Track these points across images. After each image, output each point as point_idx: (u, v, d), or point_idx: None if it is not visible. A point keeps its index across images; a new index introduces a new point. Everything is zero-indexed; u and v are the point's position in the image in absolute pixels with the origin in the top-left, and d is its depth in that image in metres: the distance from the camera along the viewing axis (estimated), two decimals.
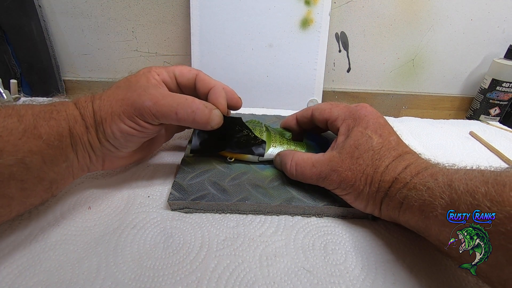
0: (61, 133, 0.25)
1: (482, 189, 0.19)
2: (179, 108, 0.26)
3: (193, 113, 0.26)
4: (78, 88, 0.69)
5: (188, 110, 0.26)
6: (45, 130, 0.23)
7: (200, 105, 0.27)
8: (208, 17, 0.60)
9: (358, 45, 0.67)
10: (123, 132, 0.26)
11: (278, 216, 0.29)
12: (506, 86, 0.63)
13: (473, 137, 0.49)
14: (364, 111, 0.29)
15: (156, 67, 0.31)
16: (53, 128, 0.24)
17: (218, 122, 0.28)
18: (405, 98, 0.73)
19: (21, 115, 0.23)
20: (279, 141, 0.35)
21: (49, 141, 0.24)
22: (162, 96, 0.26)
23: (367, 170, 0.26)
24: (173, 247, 0.26)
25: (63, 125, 0.25)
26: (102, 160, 0.29)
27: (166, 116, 0.26)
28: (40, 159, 0.23)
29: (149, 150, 0.35)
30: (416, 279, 0.24)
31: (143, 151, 0.33)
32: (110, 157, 0.29)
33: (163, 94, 0.26)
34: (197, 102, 0.27)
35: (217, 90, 0.29)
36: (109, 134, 0.26)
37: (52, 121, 0.24)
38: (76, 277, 0.23)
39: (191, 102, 0.26)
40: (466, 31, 0.66)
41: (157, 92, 0.26)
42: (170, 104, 0.26)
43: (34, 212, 0.28)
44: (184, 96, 0.27)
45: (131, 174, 0.34)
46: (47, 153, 0.24)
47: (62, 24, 0.63)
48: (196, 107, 0.26)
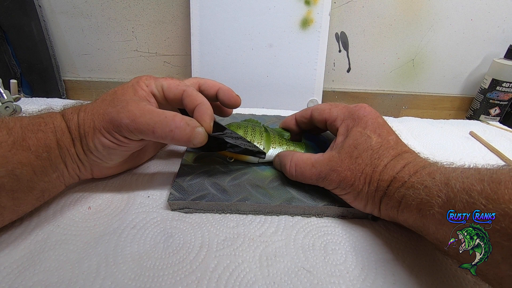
0: (49, 145, 0.25)
1: (478, 187, 0.19)
2: (156, 127, 0.25)
3: (171, 132, 0.25)
4: (78, 88, 0.69)
5: (166, 129, 0.25)
6: (33, 142, 0.24)
7: (181, 123, 0.26)
8: (208, 17, 0.60)
9: (358, 45, 0.67)
10: (105, 145, 0.27)
11: (278, 216, 0.29)
12: (506, 86, 0.63)
13: (473, 137, 0.49)
14: (363, 111, 0.29)
15: (146, 77, 0.30)
16: (41, 140, 0.25)
17: (201, 140, 0.26)
18: (405, 98, 0.73)
19: (10, 127, 0.24)
20: (278, 142, 0.35)
21: (37, 152, 0.24)
22: (140, 113, 0.25)
23: (366, 170, 0.26)
24: (173, 247, 0.25)
25: (50, 137, 0.25)
26: (90, 169, 0.29)
27: (144, 133, 0.26)
28: (30, 170, 0.24)
29: (139, 160, 0.35)
30: (416, 279, 0.24)
31: (133, 161, 0.33)
32: (98, 167, 0.29)
33: (143, 111, 0.26)
34: (178, 120, 0.26)
35: (203, 108, 0.28)
36: (92, 147, 0.27)
37: (40, 133, 0.25)
38: (76, 277, 0.23)
39: (171, 120, 0.25)
40: (466, 31, 0.66)
41: (136, 109, 0.26)
42: (147, 123, 0.25)
43: (34, 212, 0.28)
44: (164, 113, 0.26)
45: (131, 174, 0.34)
46: (36, 164, 0.24)
47: (62, 24, 0.63)
48: (175, 126, 0.25)
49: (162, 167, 0.36)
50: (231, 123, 0.36)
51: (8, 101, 0.43)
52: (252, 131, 0.35)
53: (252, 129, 0.35)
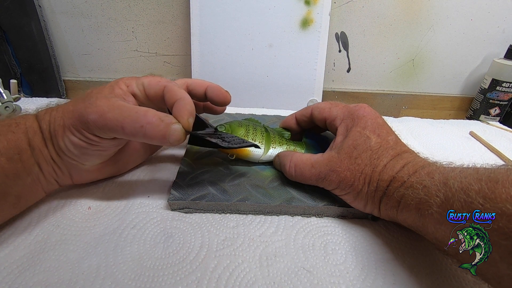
0: (19, 146, 0.24)
1: (475, 187, 0.19)
2: (125, 122, 0.23)
3: (142, 128, 0.23)
4: (78, 88, 0.69)
5: (136, 124, 0.23)
6: (3, 145, 0.23)
7: (154, 118, 0.24)
8: (208, 17, 0.60)
9: (358, 45, 0.67)
10: (75, 145, 0.25)
11: (278, 216, 0.29)
12: (506, 86, 0.63)
13: (473, 137, 0.49)
14: (363, 111, 0.29)
15: (127, 78, 0.28)
16: (11, 141, 0.24)
17: (178, 138, 0.24)
18: (405, 98, 0.73)
19: None
20: (279, 142, 0.35)
21: (8, 155, 0.23)
22: (109, 109, 0.24)
23: (366, 170, 0.26)
24: (173, 247, 0.26)
25: (21, 137, 0.24)
26: (69, 174, 0.28)
27: (113, 130, 0.24)
28: (1, 173, 0.23)
29: (123, 164, 0.33)
30: (416, 279, 0.24)
31: (115, 165, 0.31)
32: (76, 170, 0.28)
33: (112, 106, 0.24)
34: (150, 116, 0.24)
35: (181, 103, 0.25)
36: (63, 147, 0.25)
37: (10, 134, 0.24)
38: (76, 277, 0.23)
39: (142, 116, 0.24)
40: (466, 31, 0.66)
41: (105, 104, 0.24)
42: (115, 118, 0.23)
43: (34, 212, 0.28)
44: (135, 109, 0.24)
45: (131, 174, 0.34)
46: (8, 167, 0.23)
47: (62, 24, 0.63)
48: (147, 121, 0.23)
49: (162, 167, 0.36)
50: (232, 121, 0.36)
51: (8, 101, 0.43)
52: (253, 130, 0.35)
53: (253, 128, 0.35)
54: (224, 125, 0.34)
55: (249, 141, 0.31)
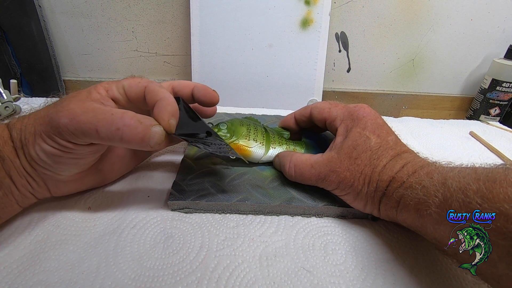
0: None
1: (473, 186, 0.19)
2: (99, 125, 0.21)
3: (118, 131, 0.22)
4: (78, 88, 0.69)
5: (111, 127, 0.22)
6: None
7: (131, 121, 0.22)
8: (208, 17, 0.60)
9: (358, 45, 0.67)
10: (47, 153, 0.23)
11: (278, 216, 0.29)
12: (506, 86, 0.63)
13: (473, 137, 0.49)
14: (363, 111, 0.29)
15: (107, 82, 0.26)
16: None
17: (159, 141, 0.22)
18: (405, 98, 0.73)
19: None
20: (278, 142, 0.35)
21: None
22: (82, 111, 0.22)
23: (365, 170, 0.26)
24: (173, 247, 0.26)
25: None
26: (45, 185, 0.26)
27: (86, 134, 0.22)
28: None
29: (106, 174, 0.30)
30: (416, 279, 0.24)
31: (97, 174, 0.29)
32: (52, 181, 0.26)
33: (85, 108, 0.22)
34: (127, 118, 0.22)
35: (162, 103, 0.24)
36: (34, 156, 0.23)
37: None
38: (76, 277, 0.23)
39: (119, 118, 0.22)
40: (466, 31, 0.66)
41: (78, 107, 0.22)
42: (89, 121, 0.22)
43: (34, 212, 0.28)
44: (111, 111, 0.22)
45: (131, 174, 0.34)
46: None
47: (62, 24, 0.63)
48: (123, 124, 0.22)
49: (162, 167, 0.36)
50: (233, 119, 0.35)
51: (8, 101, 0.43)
52: (254, 130, 0.35)
53: (254, 128, 0.35)
54: (226, 123, 0.34)
55: (232, 151, 0.29)
